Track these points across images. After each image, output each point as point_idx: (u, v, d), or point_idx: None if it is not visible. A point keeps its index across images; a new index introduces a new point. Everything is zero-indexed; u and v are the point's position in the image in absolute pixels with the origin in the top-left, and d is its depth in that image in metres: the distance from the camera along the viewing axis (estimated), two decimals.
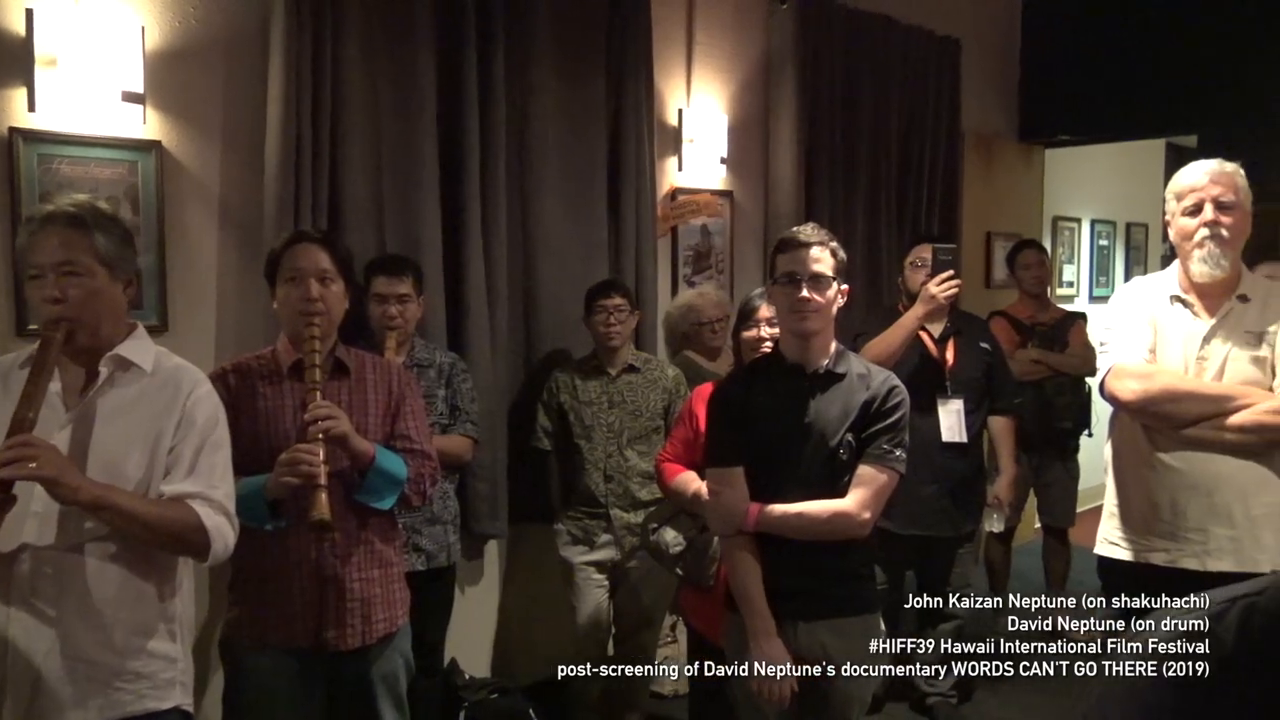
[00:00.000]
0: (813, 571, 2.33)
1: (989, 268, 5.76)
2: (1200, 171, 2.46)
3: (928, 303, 3.49)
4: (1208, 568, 2.37)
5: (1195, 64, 5.21)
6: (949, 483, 3.70)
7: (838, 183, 4.78)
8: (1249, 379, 2.39)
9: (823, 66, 4.67)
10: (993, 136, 5.83)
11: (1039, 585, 5.04)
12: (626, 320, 3.56)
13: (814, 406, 2.34)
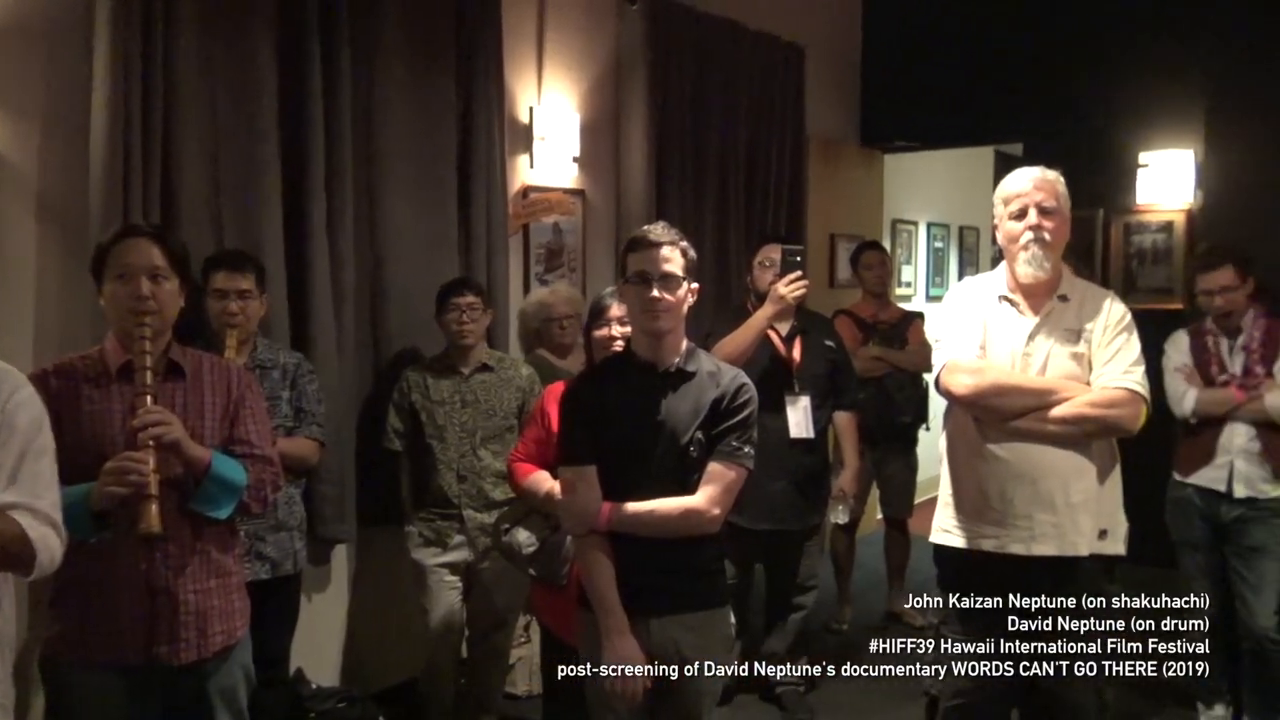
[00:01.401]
0: (665, 568, 2.35)
1: (833, 268, 5.94)
2: (1025, 178, 2.59)
3: (776, 302, 3.57)
4: (1033, 552, 2.50)
5: (1022, 77, 5.51)
6: (797, 478, 3.80)
7: (688, 183, 4.85)
8: (1069, 374, 2.53)
9: (672, 68, 4.73)
10: (836, 141, 6.02)
11: (881, 574, 5.23)
12: (480, 318, 3.52)
13: (665, 405, 2.36)
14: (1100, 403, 2.48)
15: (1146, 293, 5.17)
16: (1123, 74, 5.21)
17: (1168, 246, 5.17)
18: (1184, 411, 3.59)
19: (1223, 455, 3.54)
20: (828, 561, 4.98)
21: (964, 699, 2.61)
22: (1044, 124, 5.43)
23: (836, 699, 4.12)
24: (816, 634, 4.45)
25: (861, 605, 5.14)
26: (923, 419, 4.91)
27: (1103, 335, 2.53)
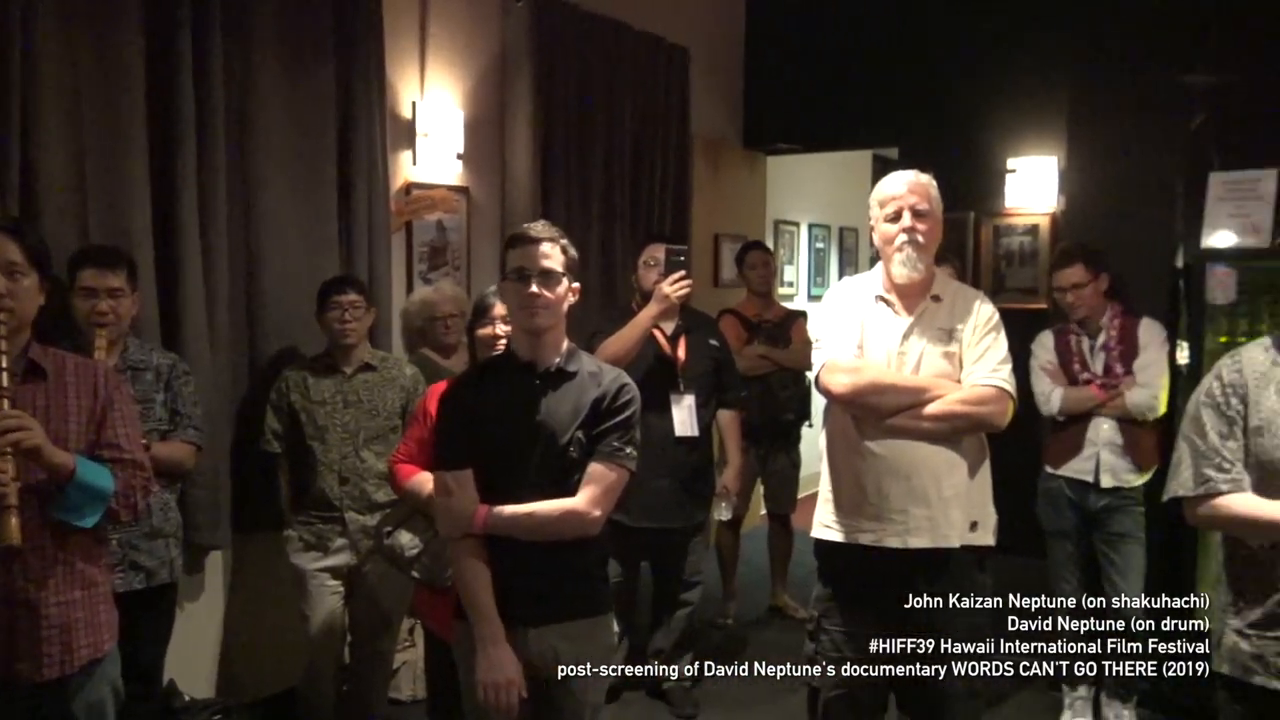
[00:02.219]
0: (544, 573, 2.32)
1: (717, 268, 6.02)
2: (899, 182, 2.66)
3: (661, 302, 3.59)
4: (908, 545, 2.58)
5: (898, 84, 5.68)
6: (682, 475, 3.84)
7: (574, 182, 4.85)
8: (941, 372, 2.61)
9: (558, 66, 4.72)
10: (720, 142, 6.10)
11: (765, 569, 5.33)
12: (362, 317, 3.46)
13: (545, 405, 2.33)
14: (970, 400, 2.57)
15: (1014, 292, 5.38)
16: (992, 83, 5.41)
17: (1034, 248, 5.40)
18: (1050, 410, 3.77)
19: (1090, 448, 3.72)
20: (713, 558, 5.05)
21: (844, 689, 2.68)
22: (919, 129, 5.60)
23: (722, 693, 4.18)
24: (702, 630, 4.50)
25: (746, 600, 5.23)
26: (806, 416, 5.02)
27: (973, 335, 2.62)
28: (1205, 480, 2.10)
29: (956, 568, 2.62)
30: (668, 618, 4.04)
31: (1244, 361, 2.13)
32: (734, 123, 6.30)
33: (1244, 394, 2.09)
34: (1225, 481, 2.08)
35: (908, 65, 5.64)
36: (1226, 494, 2.07)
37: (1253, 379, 2.10)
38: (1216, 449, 2.10)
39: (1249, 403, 2.08)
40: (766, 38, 6.20)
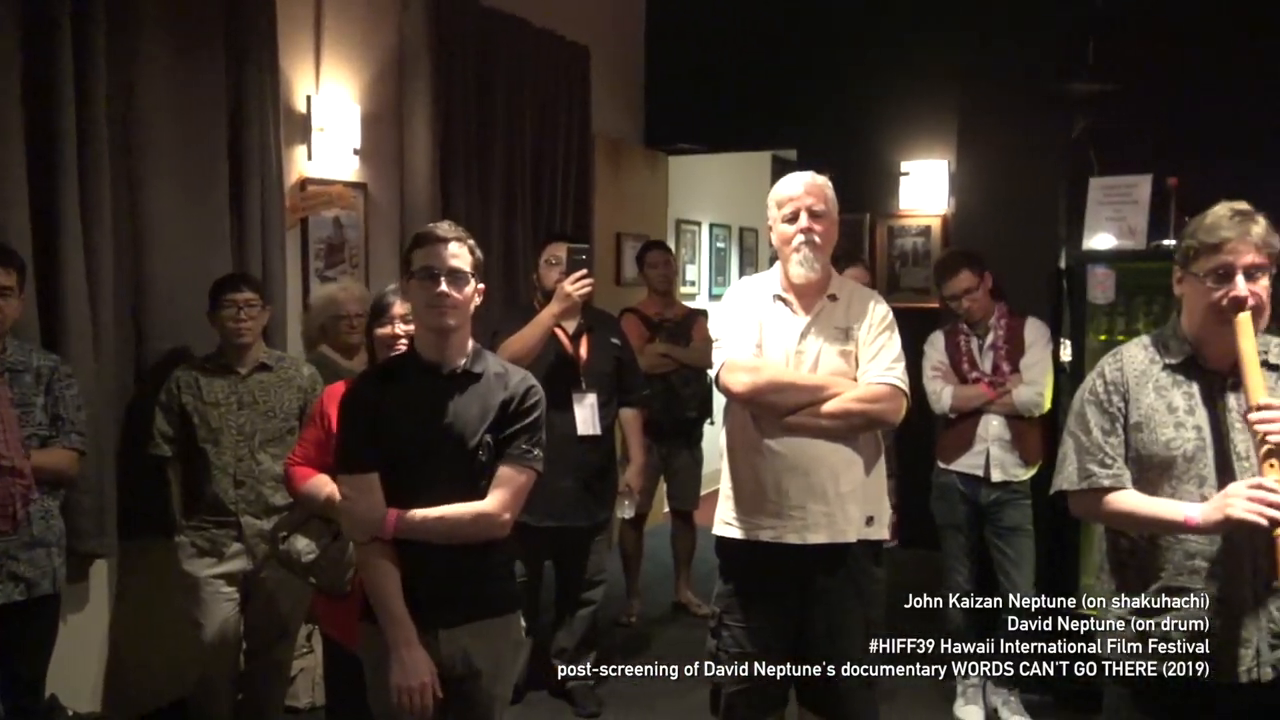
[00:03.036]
0: (453, 575, 2.32)
1: (619, 267, 6.03)
2: (797, 183, 2.71)
3: (563, 300, 3.59)
4: (807, 541, 2.63)
5: (796, 87, 5.78)
6: (584, 474, 3.84)
7: (474, 180, 4.80)
8: (838, 370, 2.67)
9: (457, 63, 4.67)
10: (621, 142, 6.11)
11: (669, 566, 5.37)
12: (257, 316, 3.37)
13: (452, 407, 2.32)
14: (866, 398, 2.63)
15: (908, 292, 5.53)
16: (887, 88, 5.55)
17: (926, 249, 5.55)
18: (942, 408, 3.89)
19: (980, 444, 3.84)
20: (616, 556, 5.06)
21: (745, 684, 2.71)
22: (817, 132, 5.71)
23: (625, 690, 4.19)
24: (606, 628, 4.51)
25: (650, 598, 5.25)
26: (708, 414, 5.06)
27: (868, 334, 2.68)
28: (1089, 475, 2.18)
29: (853, 562, 2.68)
30: (570, 617, 4.03)
31: (1125, 360, 2.22)
32: (635, 122, 6.32)
33: (1125, 391, 2.18)
34: (1107, 477, 2.16)
35: (806, 69, 5.74)
36: (1108, 489, 2.16)
37: (1133, 377, 2.19)
38: (1100, 445, 2.18)
39: (1130, 400, 2.17)
40: (666, 38, 6.24)
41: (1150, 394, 2.17)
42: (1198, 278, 2.11)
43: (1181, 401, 2.15)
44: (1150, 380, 2.18)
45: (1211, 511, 2.03)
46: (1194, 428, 2.13)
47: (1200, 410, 2.14)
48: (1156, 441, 2.14)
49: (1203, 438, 2.12)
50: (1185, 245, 2.16)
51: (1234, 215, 2.10)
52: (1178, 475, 2.12)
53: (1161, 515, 2.11)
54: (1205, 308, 2.10)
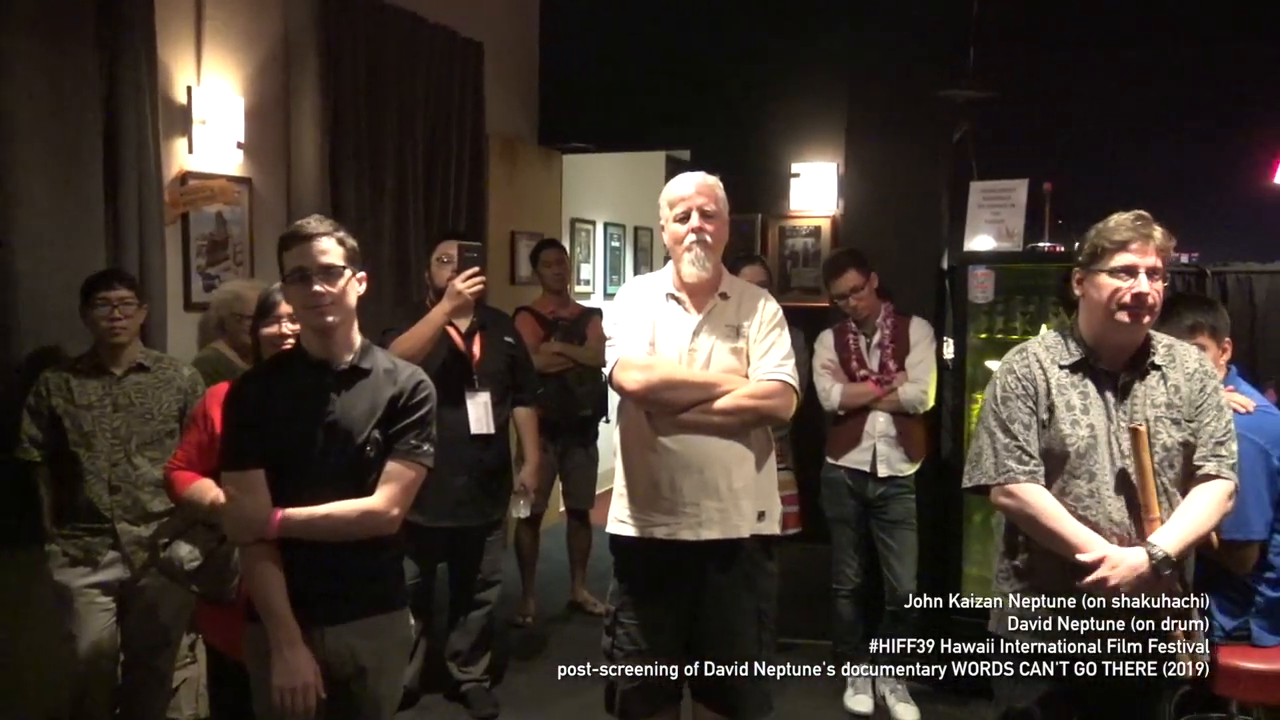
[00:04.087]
0: (340, 573, 2.29)
1: (514, 265, 6.00)
2: (688, 183, 2.74)
3: (454, 298, 3.56)
4: (700, 537, 2.65)
5: (690, 87, 5.83)
6: (478, 473, 3.81)
7: (364, 176, 4.71)
8: (729, 368, 2.70)
9: (346, 56, 4.57)
10: (515, 140, 6.08)
11: (565, 566, 5.36)
12: (134, 314, 3.24)
13: (339, 404, 2.30)
14: (757, 395, 2.67)
15: (799, 291, 5.64)
16: (778, 91, 5.64)
17: (817, 249, 5.67)
18: (831, 405, 3.98)
19: (867, 440, 3.95)
20: (511, 556, 5.03)
21: (639, 681, 2.73)
22: (710, 132, 5.77)
23: (521, 691, 4.18)
24: (501, 629, 4.48)
25: (546, 597, 5.24)
26: (603, 412, 5.07)
27: (758, 331, 2.73)
28: (1006, 470, 2.30)
29: (746, 557, 2.72)
30: (465, 618, 3.99)
31: (1032, 357, 2.35)
32: (529, 120, 6.29)
33: (1037, 387, 2.31)
34: (1024, 473, 2.29)
35: (700, 70, 5.80)
36: (1024, 483, 2.28)
37: (1040, 373, 2.32)
38: (1016, 440, 2.30)
39: (1039, 395, 2.30)
40: (561, 36, 6.23)
41: (1054, 391, 2.29)
42: (1102, 274, 2.24)
43: (1078, 400, 2.29)
44: (1053, 378, 2.31)
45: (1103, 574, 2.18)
46: (1087, 426, 2.27)
47: (1094, 409, 2.28)
48: (1056, 437, 2.27)
49: (1094, 436, 2.26)
50: (1090, 246, 2.29)
51: (1137, 219, 2.26)
52: (1070, 471, 2.26)
53: (1066, 537, 2.23)
54: (1105, 306, 2.24)
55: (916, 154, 4.47)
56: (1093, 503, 2.26)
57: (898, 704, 3.96)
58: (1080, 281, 2.32)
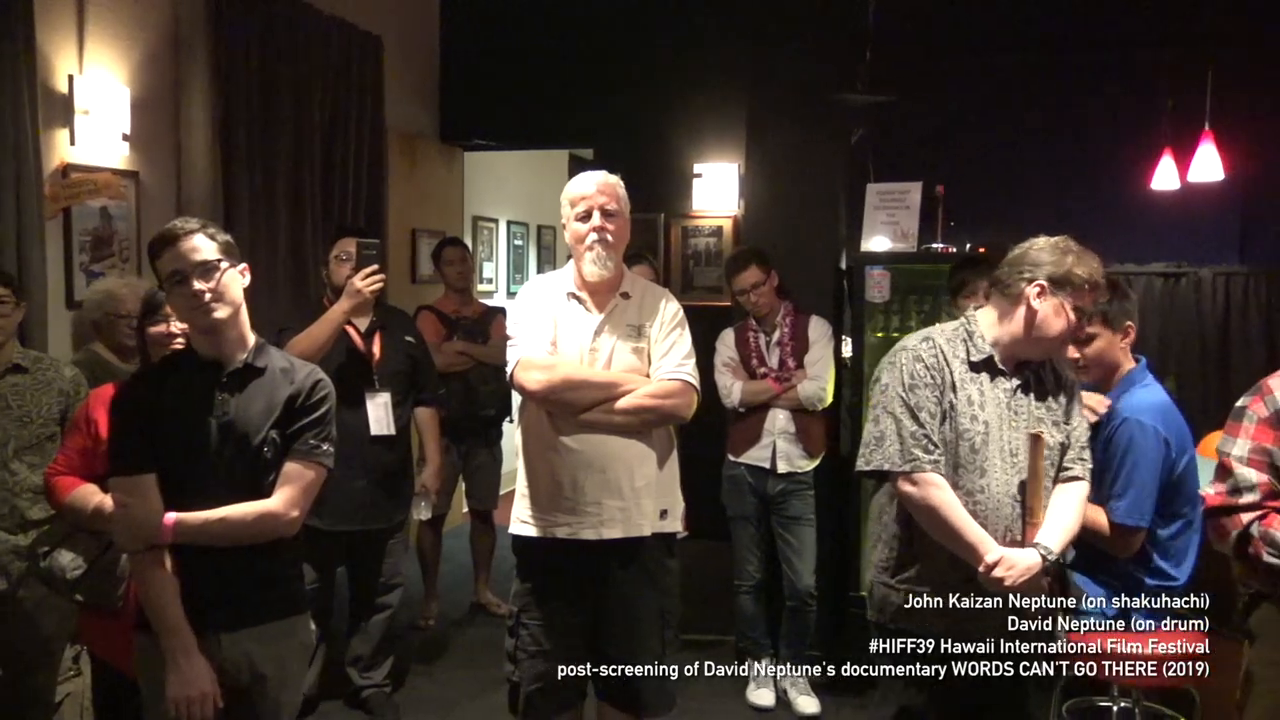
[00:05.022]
0: (236, 578, 2.24)
1: (415, 263, 5.92)
2: (589, 182, 2.74)
3: (353, 297, 3.50)
4: (603, 536, 2.66)
5: (592, 86, 5.82)
6: (378, 475, 3.76)
7: (258, 171, 4.58)
8: (631, 367, 2.71)
9: (238, 47, 4.43)
10: (415, 136, 5.99)
11: (468, 567, 5.31)
12: (10, 313, 3.10)
13: (234, 404, 2.24)
14: (658, 394, 2.68)
15: (702, 290, 5.68)
16: (680, 91, 5.67)
17: (718, 249, 5.71)
18: (732, 403, 4.03)
19: (767, 437, 4.01)
20: (413, 558, 4.97)
21: (543, 681, 2.72)
22: (612, 131, 5.77)
23: (424, 696, 4.14)
24: (402, 633, 4.42)
25: (449, 599, 5.19)
26: (507, 412, 5.04)
27: (659, 331, 2.74)
28: (913, 458, 2.34)
29: (648, 555, 2.74)
30: (365, 623, 3.93)
31: (939, 347, 2.40)
32: (430, 116, 6.21)
33: (942, 377, 2.37)
34: (929, 462, 2.33)
35: (602, 68, 5.80)
36: (930, 473, 2.32)
37: (945, 364, 2.37)
38: (924, 428, 2.35)
39: (945, 386, 2.36)
40: (463, 31, 6.16)
41: (957, 384, 2.36)
42: (1069, 304, 2.32)
43: (977, 395, 2.36)
44: (957, 371, 2.38)
45: (999, 574, 2.24)
46: (983, 422, 2.35)
47: (989, 406, 2.35)
48: (955, 430, 2.33)
49: (988, 432, 2.34)
50: (1063, 270, 2.33)
51: (1099, 263, 2.36)
52: (964, 464, 2.34)
53: (964, 535, 2.29)
54: (1058, 333, 2.33)
55: (815, 156, 4.55)
56: (983, 498, 2.34)
57: (799, 697, 4.03)
58: (1040, 295, 2.34)
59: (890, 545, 2.45)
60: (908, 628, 2.38)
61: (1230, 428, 2.34)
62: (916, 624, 2.37)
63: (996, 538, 2.31)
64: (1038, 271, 2.35)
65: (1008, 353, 2.40)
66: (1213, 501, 2.33)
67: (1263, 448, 2.25)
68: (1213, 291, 4.54)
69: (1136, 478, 2.66)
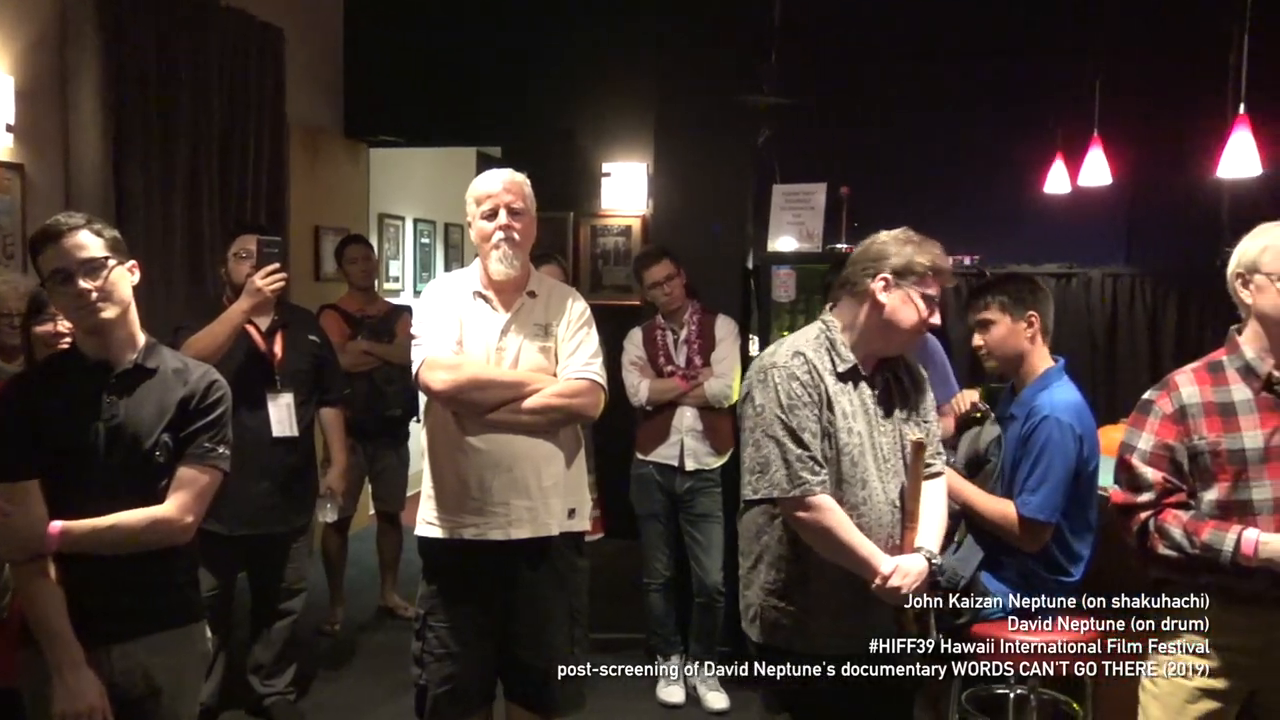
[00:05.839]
0: (128, 587, 2.17)
1: (318, 261, 5.80)
2: (495, 180, 2.71)
3: (253, 295, 3.42)
4: (511, 536, 2.64)
5: (500, 83, 5.78)
6: (280, 478, 3.68)
7: (153, 166, 4.43)
8: (538, 366, 2.70)
9: (129, 35, 4.28)
10: (319, 131, 5.87)
11: (375, 570, 5.23)
12: None
13: (124, 407, 2.17)
14: (565, 393, 2.68)
15: (611, 289, 5.69)
16: (589, 90, 5.67)
17: (627, 248, 5.73)
18: (639, 400, 4.05)
19: (675, 435, 4.03)
20: (317, 562, 4.87)
21: (451, 684, 2.70)
22: (521, 130, 5.76)
23: (329, 702, 4.07)
24: (307, 639, 4.33)
25: (355, 603, 5.10)
26: (414, 412, 4.97)
27: (566, 330, 2.74)
28: (801, 482, 2.27)
29: (557, 555, 2.73)
30: (268, 630, 3.84)
31: (811, 362, 2.33)
32: (334, 111, 6.09)
33: (818, 394, 2.31)
34: (818, 484, 2.27)
35: (511, 66, 5.76)
36: (819, 495, 2.27)
37: (819, 380, 2.32)
38: (809, 450, 2.28)
39: (822, 402, 2.31)
40: (367, 25, 6.05)
41: (832, 398, 2.33)
42: (916, 293, 2.31)
43: (849, 406, 2.34)
44: (829, 384, 2.34)
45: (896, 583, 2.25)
46: (858, 433, 2.33)
47: (859, 416, 2.35)
48: (835, 445, 2.31)
49: (863, 442, 2.33)
50: (904, 259, 2.32)
51: (940, 249, 2.36)
52: (846, 479, 2.31)
53: (857, 552, 2.27)
54: (903, 323, 2.32)
55: (723, 157, 4.59)
56: (866, 509, 2.31)
57: (709, 693, 4.07)
58: (886, 288, 2.32)
59: (776, 566, 2.37)
60: (802, 651, 2.34)
61: (1136, 420, 2.38)
62: (809, 646, 2.34)
63: (880, 546, 2.30)
64: (882, 265, 2.33)
65: (867, 352, 2.37)
66: (1116, 499, 2.38)
67: (1165, 444, 2.30)
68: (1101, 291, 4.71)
69: (1050, 475, 2.73)
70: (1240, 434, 2.25)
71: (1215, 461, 2.26)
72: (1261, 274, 2.25)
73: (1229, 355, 2.33)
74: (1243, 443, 2.25)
